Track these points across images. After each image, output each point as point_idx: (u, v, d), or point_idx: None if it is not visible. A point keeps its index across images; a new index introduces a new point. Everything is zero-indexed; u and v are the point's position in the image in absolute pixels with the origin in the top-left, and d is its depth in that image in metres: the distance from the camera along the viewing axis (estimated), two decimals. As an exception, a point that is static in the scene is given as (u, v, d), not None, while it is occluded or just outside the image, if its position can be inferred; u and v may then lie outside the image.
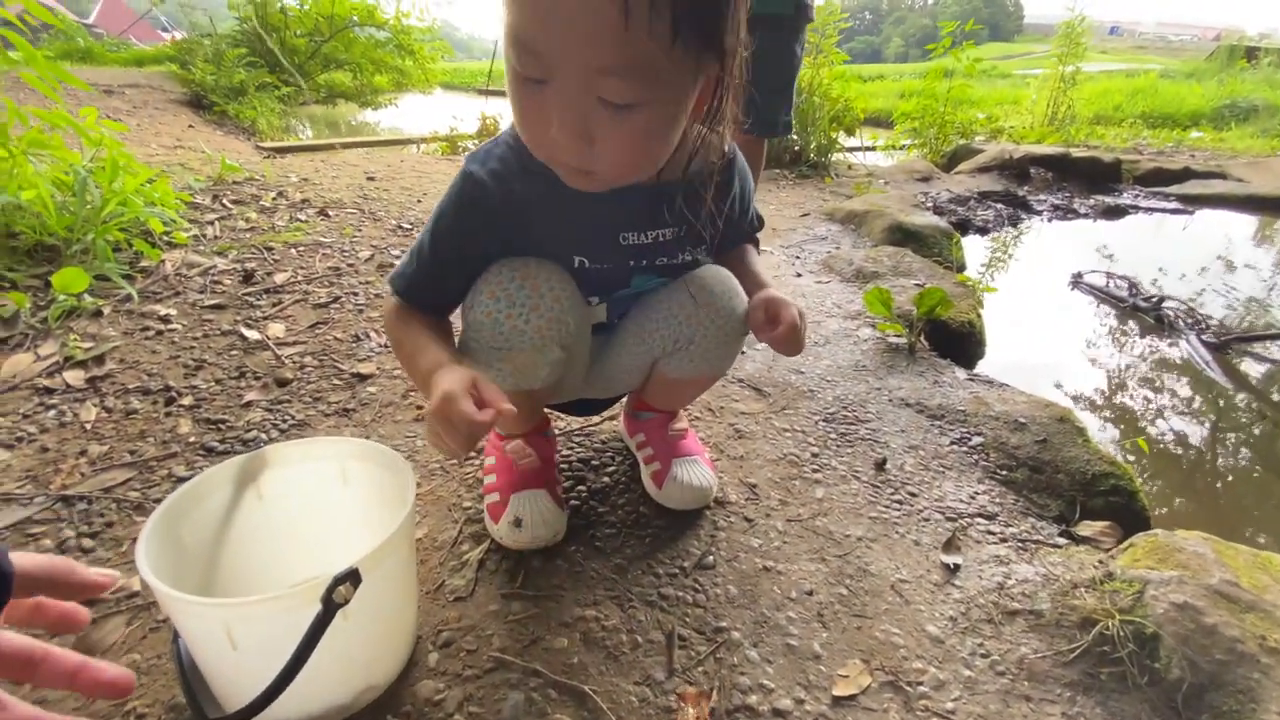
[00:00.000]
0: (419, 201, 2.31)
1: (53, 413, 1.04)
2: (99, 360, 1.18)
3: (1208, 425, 1.63)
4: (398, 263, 0.75)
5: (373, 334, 1.39)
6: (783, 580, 0.85)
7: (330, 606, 0.53)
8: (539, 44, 0.53)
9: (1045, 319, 2.21)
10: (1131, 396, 1.75)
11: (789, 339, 0.74)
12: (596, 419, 1.15)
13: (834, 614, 0.81)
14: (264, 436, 1.04)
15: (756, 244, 0.95)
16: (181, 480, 0.93)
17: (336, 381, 1.19)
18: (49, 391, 1.09)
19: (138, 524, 0.85)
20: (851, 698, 0.70)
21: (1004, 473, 1.11)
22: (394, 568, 0.63)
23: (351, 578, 0.54)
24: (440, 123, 4.59)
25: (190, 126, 3.90)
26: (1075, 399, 1.70)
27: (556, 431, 1.07)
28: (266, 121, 4.60)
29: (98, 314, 1.32)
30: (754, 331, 0.78)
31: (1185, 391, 1.78)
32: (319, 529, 0.72)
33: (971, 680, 0.74)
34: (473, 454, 1.04)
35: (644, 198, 0.72)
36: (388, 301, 0.75)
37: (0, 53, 1.45)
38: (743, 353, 1.41)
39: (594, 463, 1.05)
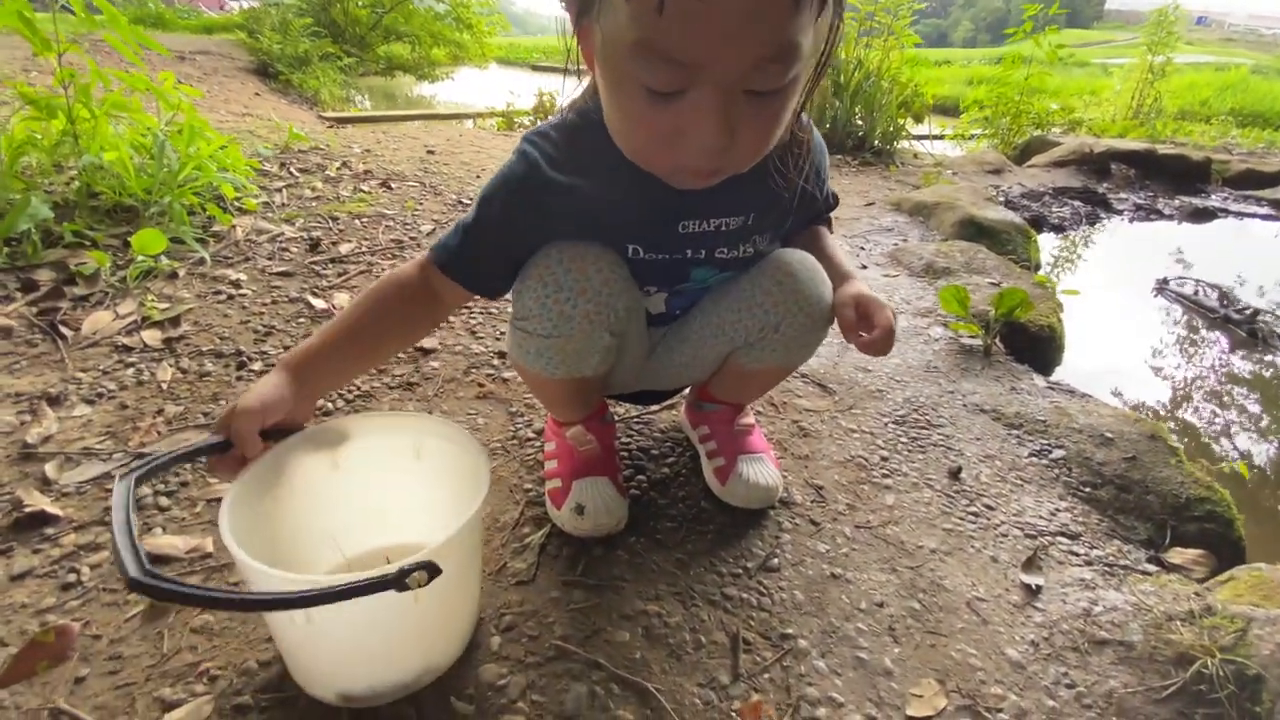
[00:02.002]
0: (478, 177, 2.31)
1: (131, 371, 1.07)
2: (174, 321, 1.21)
3: (1306, 450, 1.51)
4: (443, 233, 0.72)
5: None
6: (851, 589, 0.81)
7: (402, 589, 0.52)
8: (687, 52, 0.47)
9: (1127, 326, 2.08)
10: (1220, 415, 1.64)
11: (882, 344, 0.70)
12: (655, 406, 1.12)
13: (906, 629, 0.77)
14: (330, 405, 1.05)
15: (830, 225, 0.90)
16: (252, 445, 0.94)
17: (400, 355, 1.20)
18: (128, 350, 1.12)
19: (210, 485, 0.87)
20: (927, 719, 0.67)
21: (1088, 490, 1.04)
22: (464, 552, 0.62)
23: (429, 568, 0.52)
24: (495, 98, 4.61)
25: (257, 94, 3.99)
26: (1159, 414, 1.60)
27: (615, 417, 1.05)
28: (329, 92, 4.69)
29: (173, 275, 1.36)
30: (843, 332, 0.74)
31: (1281, 412, 1.65)
32: (390, 501, 0.72)
33: (1056, 711, 0.69)
34: (532, 436, 1.03)
35: None
36: (416, 261, 0.72)
37: (85, 15, 1.49)
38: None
39: (654, 452, 1.02)
